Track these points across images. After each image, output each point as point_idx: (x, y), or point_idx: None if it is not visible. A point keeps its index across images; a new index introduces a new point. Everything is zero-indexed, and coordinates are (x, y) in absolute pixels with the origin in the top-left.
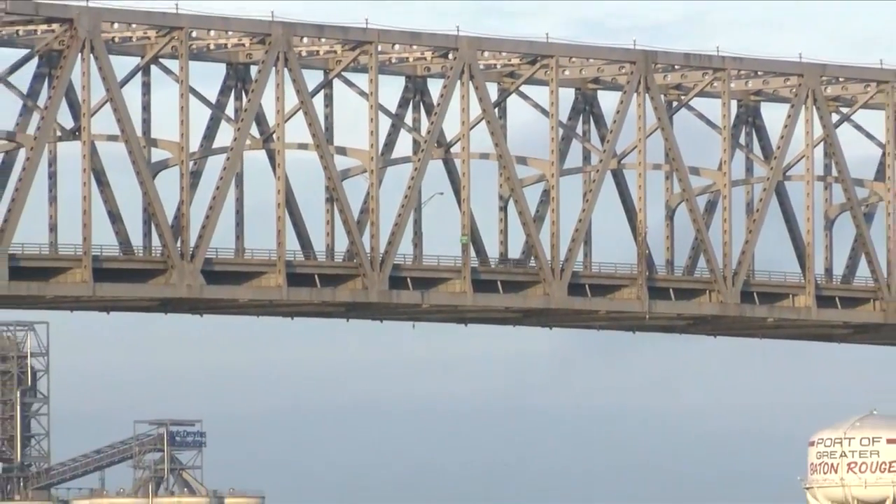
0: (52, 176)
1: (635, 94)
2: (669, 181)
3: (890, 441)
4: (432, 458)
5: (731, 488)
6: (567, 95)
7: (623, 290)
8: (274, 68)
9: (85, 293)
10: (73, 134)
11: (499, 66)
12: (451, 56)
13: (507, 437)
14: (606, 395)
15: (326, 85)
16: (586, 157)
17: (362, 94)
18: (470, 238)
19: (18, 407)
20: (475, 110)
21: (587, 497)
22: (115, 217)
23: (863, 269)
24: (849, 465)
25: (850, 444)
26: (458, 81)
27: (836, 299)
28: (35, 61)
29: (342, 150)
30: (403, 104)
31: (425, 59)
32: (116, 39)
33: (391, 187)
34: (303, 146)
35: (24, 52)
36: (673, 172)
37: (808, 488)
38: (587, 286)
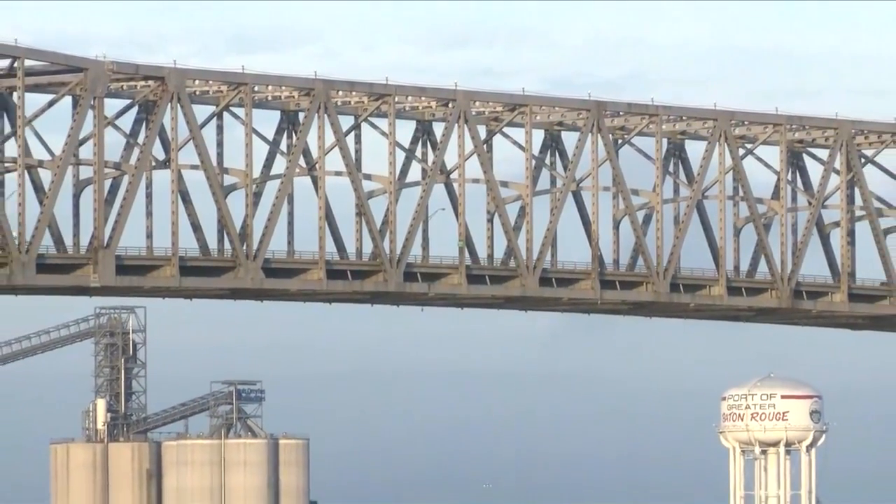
0: (149, 196)
1: (590, 134)
2: (616, 200)
3: (784, 396)
4: (435, 409)
5: (663, 432)
6: (538, 135)
7: (580, 282)
8: (316, 114)
9: (173, 285)
10: (164, 164)
11: (487, 113)
12: (450, 105)
13: (494, 394)
14: (568, 362)
15: (356, 127)
16: (553, 182)
17: (383, 133)
18: (465, 242)
19: (122, 371)
20: (469, 146)
21: (555, 432)
22: (196, 227)
23: (762, 266)
24: (752, 414)
25: (753, 399)
26: (456, 124)
27: (743, 289)
28: (135, 109)
29: (368, 176)
30: (414, 141)
31: (431, 107)
32: (197, 92)
33: (405, 204)
34: (338, 173)
35: (126, 101)
36: (618, 193)
37: (720, 432)
38: (553, 279)
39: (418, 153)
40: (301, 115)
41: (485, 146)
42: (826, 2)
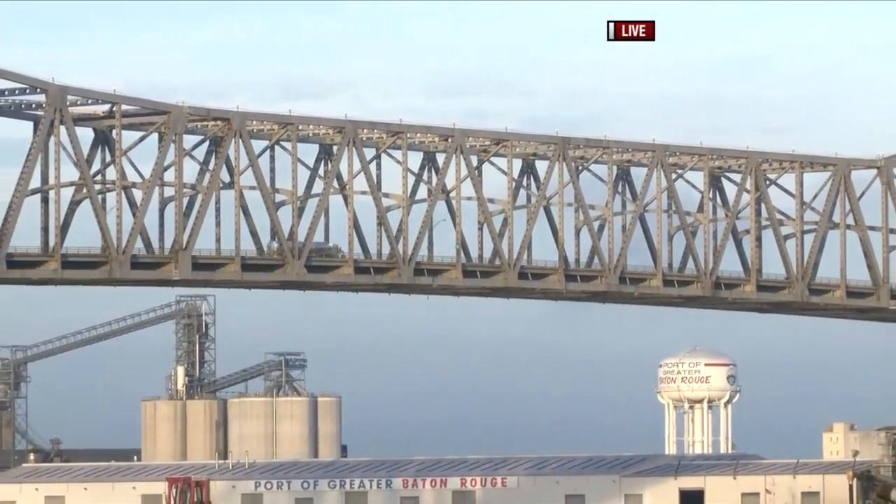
0: (217, 210)
1: (557, 163)
2: (577, 213)
3: (706, 364)
4: (438, 373)
5: (614, 392)
6: (517, 163)
7: (550, 276)
8: (346, 147)
9: (236, 278)
10: (229, 185)
11: (478, 146)
12: (450, 140)
13: (483, 362)
14: (541, 337)
15: (377, 157)
16: (528, 199)
17: (398, 162)
18: (461, 245)
19: (197, 345)
20: (464, 172)
21: (531, 392)
22: (253, 234)
23: (690, 264)
24: (682, 378)
25: (683, 367)
26: (454, 155)
27: (675, 282)
28: (207, 143)
29: (386, 195)
30: (422, 168)
31: (435, 141)
32: (255, 130)
33: (415, 216)
34: (363, 192)
35: (200, 137)
36: (579, 208)
37: (658, 392)
38: (529, 274)
39: (425, 177)
40: (335, 148)
41: (476, 172)
42: (739, 61)
